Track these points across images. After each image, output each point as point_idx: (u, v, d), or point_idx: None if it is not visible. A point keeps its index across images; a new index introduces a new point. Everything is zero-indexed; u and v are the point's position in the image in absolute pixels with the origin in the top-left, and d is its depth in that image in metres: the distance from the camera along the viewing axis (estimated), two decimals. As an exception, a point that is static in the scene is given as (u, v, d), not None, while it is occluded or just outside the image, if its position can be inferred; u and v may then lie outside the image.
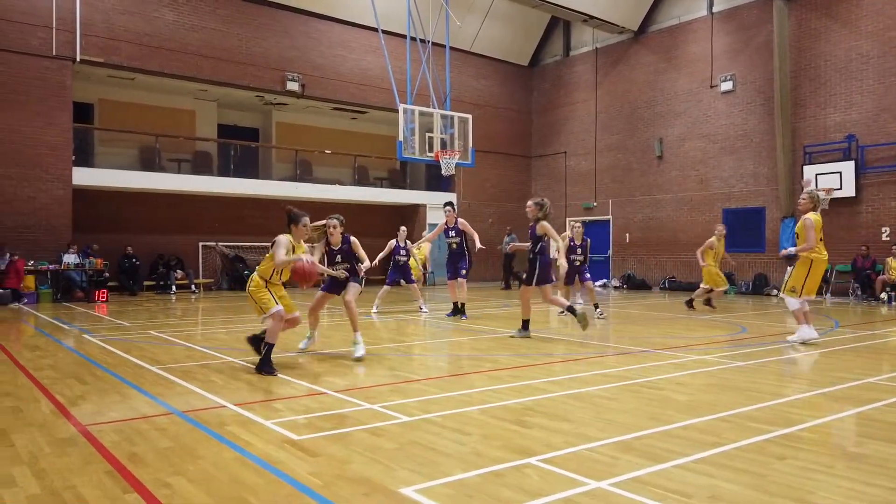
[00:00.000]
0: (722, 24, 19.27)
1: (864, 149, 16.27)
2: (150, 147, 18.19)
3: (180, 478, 3.37)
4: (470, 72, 23.01)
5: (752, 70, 18.49)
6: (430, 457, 3.71)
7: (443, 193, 22.34)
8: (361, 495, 3.13)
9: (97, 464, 3.59)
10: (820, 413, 4.83)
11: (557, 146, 23.94)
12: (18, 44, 15.22)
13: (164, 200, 18.37)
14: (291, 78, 19.15)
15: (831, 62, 16.98)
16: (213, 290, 18.95)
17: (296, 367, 6.56)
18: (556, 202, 23.97)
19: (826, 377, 6.07)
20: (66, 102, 15.91)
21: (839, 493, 3.17)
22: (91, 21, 16.14)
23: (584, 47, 23.26)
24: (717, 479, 3.35)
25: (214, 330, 9.87)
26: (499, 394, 5.34)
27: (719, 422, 4.47)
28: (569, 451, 3.81)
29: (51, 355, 7.35)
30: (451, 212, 11.37)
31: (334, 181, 21.13)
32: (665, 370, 6.41)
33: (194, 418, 4.55)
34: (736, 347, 8.04)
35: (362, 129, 23.15)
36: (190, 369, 6.46)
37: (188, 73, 17.61)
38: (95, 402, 5.14)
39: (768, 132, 18.06)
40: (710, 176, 19.47)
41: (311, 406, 4.93)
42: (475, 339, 8.94)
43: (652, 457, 3.69)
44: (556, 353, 7.74)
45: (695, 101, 19.81)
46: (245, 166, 19.31)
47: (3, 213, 14.84)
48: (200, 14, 17.82)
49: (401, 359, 7.26)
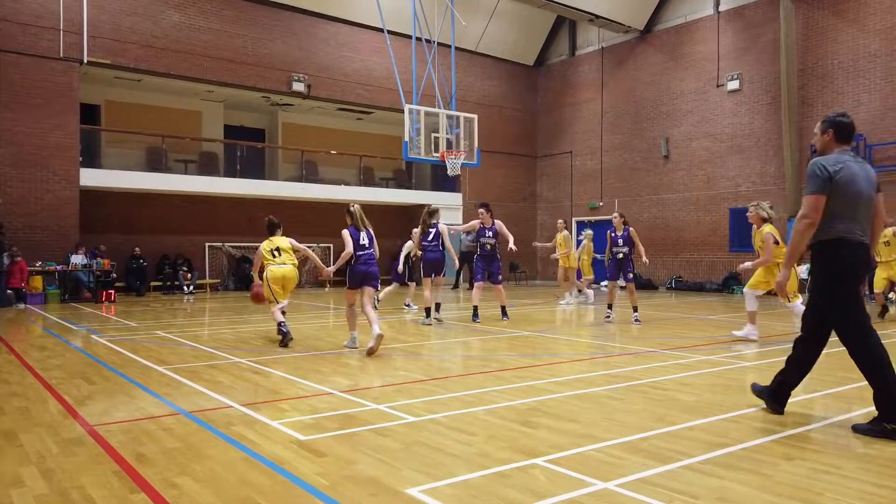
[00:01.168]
0: (728, 22, 19.20)
1: (872, 148, 16.18)
2: (157, 148, 18.25)
3: (187, 478, 3.38)
4: (475, 72, 23.01)
5: (759, 69, 18.42)
6: (436, 457, 3.71)
7: (448, 193, 22.36)
8: (368, 495, 3.14)
9: (105, 464, 3.60)
10: (828, 414, 4.80)
11: (563, 146, 23.90)
12: (26, 46, 15.30)
13: (170, 201, 18.44)
14: (297, 79, 19.19)
15: (838, 61, 16.90)
16: (220, 290, 19.01)
17: (301, 368, 6.58)
18: (561, 202, 23.95)
19: (834, 377, 6.04)
20: (74, 104, 15.99)
21: (848, 494, 3.16)
22: (98, 23, 16.22)
23: (590, 47, 23.22)
24: (725, 479, 3.33)
25: (221, 330, 9.90)
26: (505, 394, 5.34)
27: (726, 422, 4.45)
28: (575, 451, 3.80)
29: (59, 356, 7.39)
30: (485, 213, 11.05)
31: (340, 182, 21.16)
32: (671, 370, 6.39)
33: (201, 418, 4.57)
34: (742, 348, 8.01)
35: (368, 130, 23.18)
36: (197, 369, 6.48)
37: (194, 74, 17.66)
38: (103, 402, 5.16)
39: (775, 131, 17.98)
40: (717, 175, 19.40)
41: (317, 406, 4.94)
42: (481, 339, 8.94)
43: (659, 457, 3.68)
44: (561, 353, 7.73)
45: (701, 100, 19.75)
46: (251, 167, 19.34)
47: (12, 213, 14.91)
48: (206, 15, 17.88)
49: (407, 359, 7.26)
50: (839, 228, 4.23)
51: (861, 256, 4.28)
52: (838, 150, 4.38)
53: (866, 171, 4.36)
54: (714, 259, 19.32)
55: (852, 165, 4.29)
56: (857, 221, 4.27)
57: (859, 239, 4.27)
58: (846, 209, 4.23)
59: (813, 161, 4.34)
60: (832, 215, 4.22)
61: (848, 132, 4.40)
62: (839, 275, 4.29)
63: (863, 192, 4.28)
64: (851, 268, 4.29)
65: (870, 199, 4.33)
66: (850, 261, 4.26)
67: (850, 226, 4.24)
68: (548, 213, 24.01)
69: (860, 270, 4.36)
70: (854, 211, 4.26)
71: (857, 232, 4.26)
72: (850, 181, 4.23)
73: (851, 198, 4.24)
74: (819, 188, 4.21)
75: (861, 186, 4.27)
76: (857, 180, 4.26)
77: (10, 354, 7.49)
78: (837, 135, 4.39)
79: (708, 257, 19.46)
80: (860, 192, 4.27)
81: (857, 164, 4.32)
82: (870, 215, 4.37)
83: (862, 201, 4.28)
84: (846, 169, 4.24)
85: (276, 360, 7.13)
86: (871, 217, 4.38)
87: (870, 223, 4.39)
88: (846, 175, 4.23)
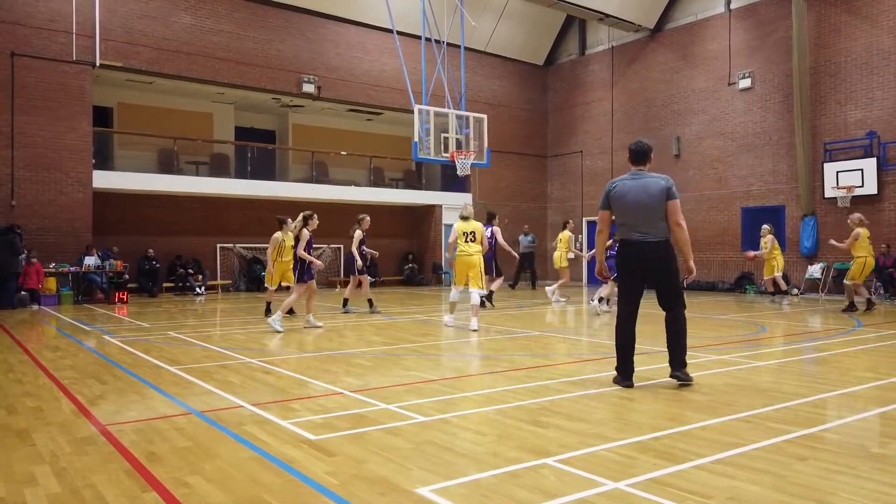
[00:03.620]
0: (739, 20, 19.07)
1: (886, 146, 16.02)
2: (169, 150, 18.37)
3: (198, 477, 3.39)
4: (485, 72, 22.99)
5: (771, 67, 18.27)
6: (445, 457, 3.70)
7: (458, 194, 22.35)
8: (378, 495, 3.13)
9: (116, 463, 3.62)
10: (842, 413, 4.75)
11: (573, 146, 23.83)
12: (39, 49, 15.45)
13: (182, 203, 18.55)
14: (307, 80, 19.25)
15: (851, 58, 16.74)
16: (231, 291, 19.10)
17: (311, 368, 6.59)
18: (571, 202, 23.88)
19: (848, 377, 5.98)
20: (86, 106, 16.11)
21: (862, 494, 3.12)
22: (110, 26, 16.34)
23: (600, 46, 23.14)
24: (737, 480, 3.30)
25: (232, 331, 9.94)
26: (515, 394, 5.32)
27: (739, 422, 4.42)
28: (585, 451, 3.78)
29: (71, 356, 7.44)
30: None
31: (350, 182, 21.20)
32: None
33: (212, 418, 4.59)
34: (755, 347, 7.95)
35: (378, 131, 23.22)
36: (208, 369, 6.51)
37: (205, 76, 17.76)
38: (115, 401, 5.19)
39: (787, 129, 17.84)
40: (729, 174, 19.27)
41: (327, 406, 4.95)
42: (491, 339, 8.92)
43: (670, 457, 3.65)
44: (572, 353, 7.70)
45: (712, 98, 19.62)
46: (262, 168, 19.43)
47: (25, 215, 15.05)
48: (217, 18, 17.97)
49: (417, 359, 7.26)
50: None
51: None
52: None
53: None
54: (726, 258, 19.19)
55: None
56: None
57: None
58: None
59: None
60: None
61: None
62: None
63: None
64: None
65: None
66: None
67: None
68: (558, 213, 23.94)
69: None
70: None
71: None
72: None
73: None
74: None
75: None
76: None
77: (23, 355, 7.55)
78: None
79: (719, 256, 19.33)
80: None
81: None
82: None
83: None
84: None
85: (287, 360, 7.15)
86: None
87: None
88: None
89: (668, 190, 5.55)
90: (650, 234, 5.50)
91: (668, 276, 5.62)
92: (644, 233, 5.50)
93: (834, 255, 16.46)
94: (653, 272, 5.61)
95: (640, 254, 5.53)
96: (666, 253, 5.56)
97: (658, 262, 5.55)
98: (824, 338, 8.77)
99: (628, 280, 5.68)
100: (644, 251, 5.51)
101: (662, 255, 5.54)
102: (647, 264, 5.57)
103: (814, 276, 17.12)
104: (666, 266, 5.59)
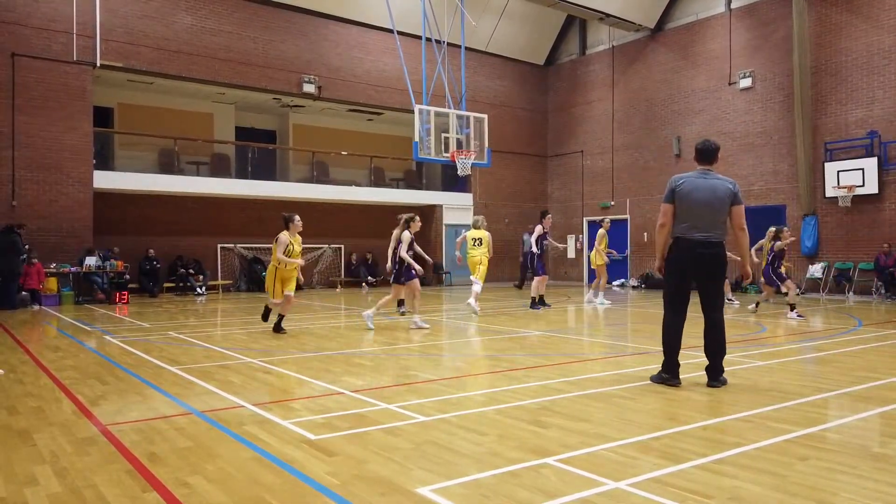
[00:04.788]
0: (740, 19, 19.06)
1: (887, 145, 16.01)
2: (169, 150, 18.37)
3: (199, 477, 3.40)
4: (485, 72, 22.98)
5: (772, 66, 18.26)
6: (446, 457, 3.70)
7: (459, 194, 22.36)
8: (378, 495, 3.13)
9: (117, 463, 3.63)
10: (843, 413, 4.75)
11: (574, 145, 23.82)
12: (40, 50, 15.45)
13: (182, 203, 18.55)
14: (308, 80, 19.25)
15: (852, 57, 16.72)
16: (232, 291, 19.10)
17: (312, 368, 6.59)
18: (572, 202, 23.88)
19: (849, 377, 5.98)
20: (87, 107, 16.11)
21: (863, 494, 3.12)
22: (110, 26, 16.34)
23: (601, 46, 23.13)
24: (738, 479, 3.30)
25: (233, 331, 9.95)
26: (515, 394, 5.32)
27: (740, 422, 4.41)
28: (586, 451, 3.78)
29: (72, 356, 7.45)
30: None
31: (350, 183, 21.20)
32: (684, 370, 6.32)
33: (213, 418, 4.59)
34: (756, 347, 7.94)
35: (378, 131, 23.22)
36: (208, 370, 6.51)
37: (206, 76, 17.76)
38: (116, 402, 5.19)
39: (788, 129, 17.82)
40: (730, 174, 19.15)
41: (328, 406, 4.95)
42: (492, 339, 8.92)
43: (671, 457, 3.65)
44: (573, 352, 7.69)
45: (713, 98, 19.62)
46: (262, 168, 19.43)
47: (26, 216, 15.04)
48: (218, 18, 17.97)
49: (417, 359, 7.26)
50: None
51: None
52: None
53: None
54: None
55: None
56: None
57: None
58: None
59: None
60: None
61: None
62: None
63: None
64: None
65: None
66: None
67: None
68: (559, 213, 23.93)
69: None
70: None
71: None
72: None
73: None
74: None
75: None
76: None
77: (24, 355, 7.56)
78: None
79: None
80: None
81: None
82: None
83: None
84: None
85: (288, 360, 7.16)
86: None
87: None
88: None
89: (735, 195, 5.58)
90: (712, 235, 5.52)
91: (718, 278, 5.66)
92: (707, 233, 5.51)
93: (835, 255, 16.45)
94: (705, 273, 5.61)
95: (697, 253, 5.51)
96: (721, 255, 5.60)
97: (712, 263, 5.56)
98: (824, 337, 8.77)
99: (679, 280, 5.65)
100: (702, 251, 5.51)
101: (718, 257, 5.57)
102: (702, 265, 5.56)
103: (815, 275, 17.11)
104: (719, 269, 5.62)
